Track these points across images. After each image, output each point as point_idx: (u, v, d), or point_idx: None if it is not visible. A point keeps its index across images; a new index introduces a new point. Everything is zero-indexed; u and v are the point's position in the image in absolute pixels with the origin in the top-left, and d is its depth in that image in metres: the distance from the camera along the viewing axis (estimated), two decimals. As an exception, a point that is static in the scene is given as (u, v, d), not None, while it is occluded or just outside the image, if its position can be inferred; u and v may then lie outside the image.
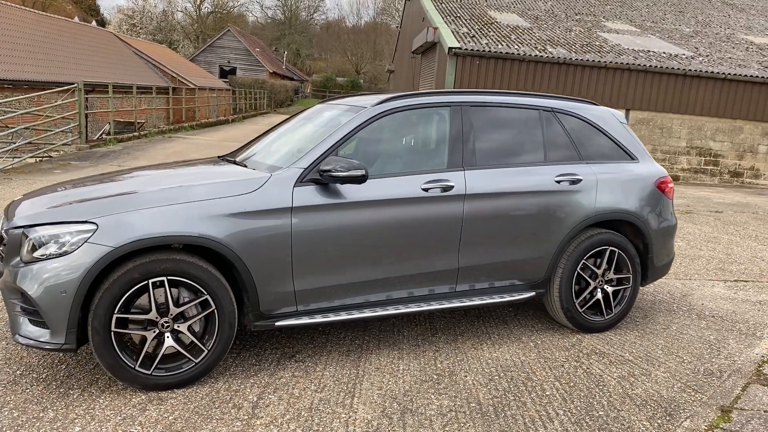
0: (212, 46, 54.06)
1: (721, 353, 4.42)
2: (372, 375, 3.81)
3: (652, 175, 4.85)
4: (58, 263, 3.29)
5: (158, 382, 3.50)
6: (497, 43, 16.86)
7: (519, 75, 16.26)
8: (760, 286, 6.27)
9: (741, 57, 18.78)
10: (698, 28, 23.23)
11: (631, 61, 16.68)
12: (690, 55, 18.20)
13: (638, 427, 3.33)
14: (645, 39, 20.14)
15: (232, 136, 21.96)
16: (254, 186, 3.68)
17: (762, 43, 21.42)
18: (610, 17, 23.63)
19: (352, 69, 74.11)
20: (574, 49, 17.37)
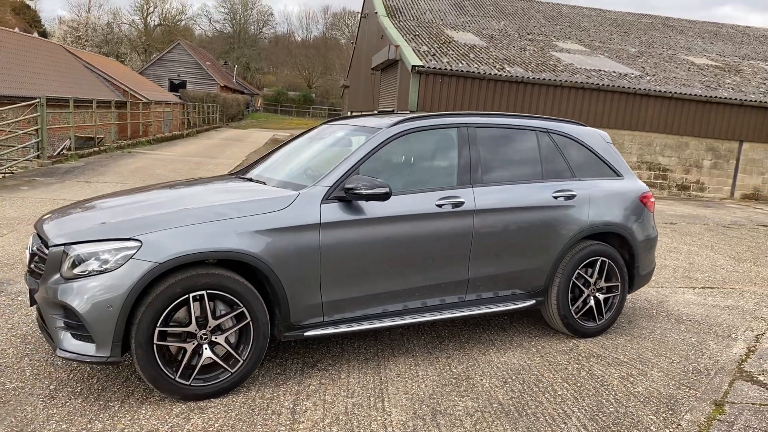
0: (162, 60, 53.41)
1: (705, 354, 4.83)
2: (395, 381, 4.04)
3: (637, 190, 5.26)
4: (104, 279, 3.42)
5: (197, 392, 3.65)
6: (458, 62, 17.39)
7: (479, 93, 16.79)
8: (725, 293, 6.78)
9: (684, 77, 19.86)
10: (642, 49, 24.41)
11: (584, 79, 17.45)
12: (638, 75, 19.15)
13: (647, 421, 3.66)
14: (595, 59, 21.06)
15: (191, 150, 21.83)
16: (285, 203, 3.88)
17: (702, 64, 22.67)
18: (560, 37, 24.60)
19: (304, 83, 74.23)
20: (530, 68, 18.05)
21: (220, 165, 17.51)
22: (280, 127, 48.72)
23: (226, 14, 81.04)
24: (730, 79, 20.42)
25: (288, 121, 57.33)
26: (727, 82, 19.99)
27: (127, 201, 4.19)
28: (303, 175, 4.48)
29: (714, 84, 19.31)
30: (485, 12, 27.10)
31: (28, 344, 4.40)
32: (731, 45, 27.54)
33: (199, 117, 37.54)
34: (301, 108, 66.19)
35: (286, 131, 43.66)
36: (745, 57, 25.62)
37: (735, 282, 7.32)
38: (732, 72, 21.81)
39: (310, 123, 57.36)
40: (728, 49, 26.56)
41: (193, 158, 19.01)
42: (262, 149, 25.26)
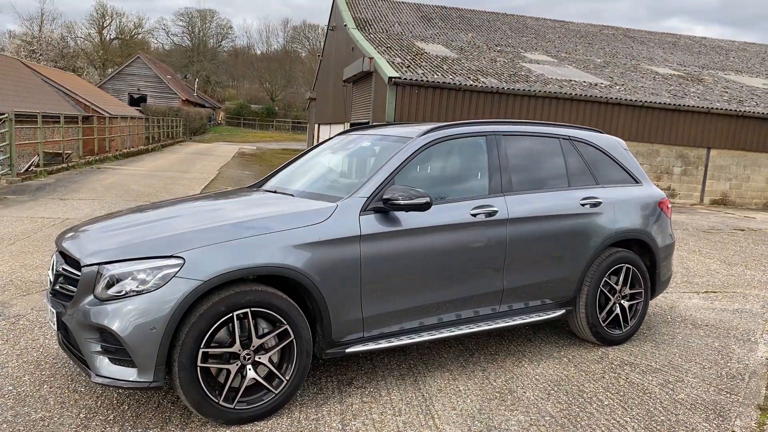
0: (121, 74, 52.37)
1: (732, 358, 4.84)
2: (438, 396, 3.93)
3: (656, 196, 5.28)
4: (145, 299, 3.23)
5: (241, 416, 3.47)
6: (433, 73, 17.44)
7: (456, 103, 16.86)
8: (729, 296, 6.86)
9: (651, 86, 20.32)
10: (607, 59, 24.93)
11: (557, 89, 17.68)
12: (608, 84, 19.51)
13: (701, 428, 3.63)
14: (564, 69, 21.40)
15: (160, 165, 21.38)
16: (325, 215, 3.75)
17: (665, 73, 23.25)
18: (527, 48, 24.96)
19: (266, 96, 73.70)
20: (503, 78, 18.23)
21: (194, 179, 17.17)
22: (245, 140, 48.21)
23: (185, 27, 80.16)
24: (694, 88, 20.98)
25: (252, 134, 56.77)
26: (692, 90, 20.53)
27: (153, 217, 3.99)
28: (334, 186, 4.36)
29: (680, 93, 19.81)
30: (452, 24, 27.34)
31: (43, 370, 4.15)
32: (690, 55, 28.35)
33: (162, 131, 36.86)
34: (264, 121, 65.63)
35: (251, 144, 43.24)
36: (704, 66, 26.39)
37: (735, 286, 7.42)
38: (694, 81, 22.42)
39: (275, 136, 57.01)
40: (688, 59, 27.33)
41: (165, 173, 18.59)
42: (231, 162, 24.95)
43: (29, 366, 4.22)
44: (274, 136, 56.47)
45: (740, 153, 18.88)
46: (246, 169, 22.49)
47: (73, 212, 10.51)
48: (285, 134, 60.94)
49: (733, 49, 31.31)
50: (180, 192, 14.24)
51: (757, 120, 18.73)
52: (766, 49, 32.56)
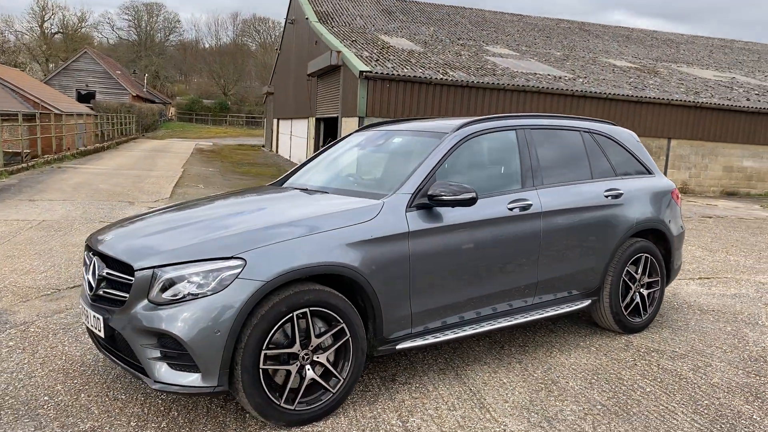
0: (67, 69, 50.62)
1: (748, 342, 5.02)
2: (485, 390, 3.96)
3: (668, 186, 5.42)
4: (208, 302, 3.15)
5: (302, 417, 3.43)
6: (402, 67, 17.45)
7: (427, 97, 16.92)
8: (723, 282, 7.11)
9: (612, 78, 20.81)
10: (566, 52, 25.41)
11: (524, 82, 17.94)
12: (572, 77, 19.89)
13: (744, 410, 3.75)
14: (527, 62, 21.71)
15: (122, 163, 20.82)
16: (373, 213, 3.72)
17: (623, 66, 23.85)
18: (488, 42, 25.22)
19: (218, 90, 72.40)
20: (471, 72, 18.38)
21: (162, 177, 16.80)
22: (199, 136, 47.33)
23: (131, 21, 78.03)
24: (652, 81, 21.58)
25: (205, 129, 55.76)
26: (650, 83, 21.12)
27: (195, 217, 3.89)
28: (372, 183, 4.33)
29: (640, 85, 20.35)
30: (414, 18, 27.41)
31: (74, 379, 4.00)
32: (643, 48, 29.15)
33: (114, 128, 35.85)
34: (217, 116, 64.47)
35: (206, 140, 42.53)
36: (657, 59, 27.18)
37: (724, 272, 7.69)
38: (651, 73, 23.07)
39: (229, 131, 56.15)
40: (641, 52, 28.09)
41: (129, 171, 18.11)
42: (192, 159, 24.49)
43: (57, 375, 4.07)
44: (229, 132, 55.60)
45: (699, 143, 19.54)
46: (210, 166, 22.11)
47: (48, 214, 10.14)
48: (239, 129, 60.04)
49: (682, 42, 32.33)
50: (152, 190, 13.91)
51: (713, 111, 19.40)
52: (712, 42, 33.73)
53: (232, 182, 17.31)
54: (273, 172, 22.38)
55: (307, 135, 24.61)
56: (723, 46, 33.22)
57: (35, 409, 3.58)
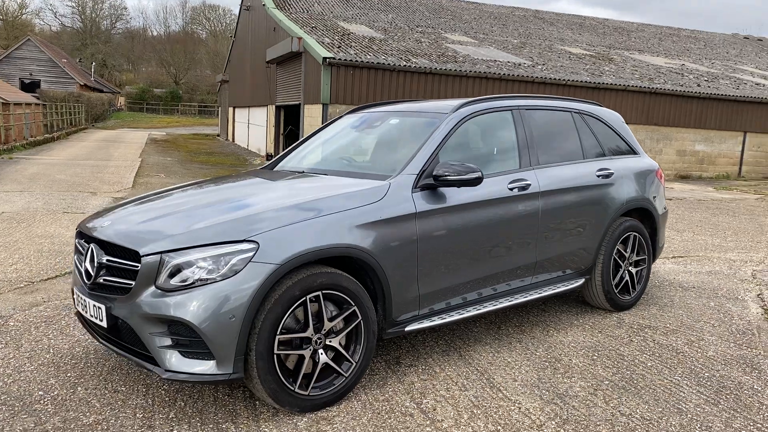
0: (9, 57, 48.57)
1: (733, 316, 5.17)
2: (493, 370, 3.96)
3: (653, 166, 5.52)
4: (220, 287, 3.05)
5: (315, 402, 3.36)
6: (365, 54, 17.33)
7: (390, 83, 16.86)
8: (696, 260, 7.30)
9: (570, 65, 21.12)
10: (523, 40, 25.67)
11: (485, 69, 18.04)
12: (531, 64, 20.10)
13: (744, 381, 3.86)
14: (486, 50, 21.85)
15: (76, 154, 20.15)
16: (381, 194, 3.66)
17: (579, 53, 24.23)
18: (446, 29, 25.26)
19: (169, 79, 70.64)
20: (433, 59, 18.38)
21: (121, 167, 16.34)
22: (152, 126, 46.18)
23: (74, 8, 75.34)
24: (608, 67, 22.00)
25: (157, 119, 54.40)
26: (606, 69, 21.52)
27: (197, 201, 3.77)
28: (374, 164, 4.27)
29: (597, 72, 20.71)
30: (371, 5, 27.23)
31: (66, 372, 3.84)
32: (596, 36, 29.67)
33: (63, 119, 34.64)
34: (168, 105, 62.91)
35: (159, 130, 41.57)
36: (610, 47, 27.70)
37: (695, 251, 7.91)
38: (606, 61, 23.50)
39: (182, 120, 54.97)
40: (595, 40, 28.59)
41: (86, 161, 17.53)
42: (148, 149, 23.90)
43: (48, 368, 3.89)
44: (182, 121, 54.38)
45: (653, 128, 20.02)
46: (167, 156, 21.60)
47: (7, 205, 9.73)
48: (192, 119, 58.79)
49: (632, 30, 33.03)
50: (113, 180, 13.51)
51: (666, 96, 19.90)
52: (660, 30, 34.58)
53: (192, 171, 16.96)
54: (233, 161, 22.03)
55: (267, 123, 24.27)
56: (671, 34, 34.09)
57: (31, 404, 3.42)
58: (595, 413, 3.38)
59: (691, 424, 3.28)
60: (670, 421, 3.31)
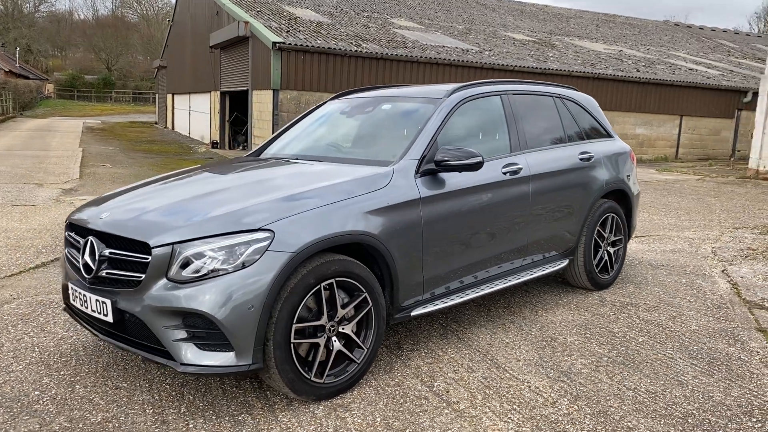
0: (-75, 42, 45.62)
1: (705, 291, 5.41)
2: (493, 351, 4.02)
3: (626, 149, 5.70)
4: (238, 277, 2.99)
5: (330, 390, 3.35)
6: (315, 38, 17.14)
7: (342, 68, 16.75)
8: (658, 239, 7.59)
9: (515, 51, 21.47)
10: (467, 26, 25.89)
11: (435, 55, 18.15)
12: (478, 50, 20.33)
13: (730, 351, 4.05)
14: (433, 35, 21.95)
15: (10, 144, 19.26)
16: (386, 180, 3.65)
17: (522, 39, 24.64)
18: (392, 14, 25.21)
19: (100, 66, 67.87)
20: (383, 44, 18.35)
21: (63, 157, 15.71)
22: (85, 114, 44.41)
23: (-7, -11, 71.23)
24: (551, 53, 22.47)
25: (90, 107, 52.30)
26: (550, 55, 21.98)
27: (196, 190, 3.67)
28: (372, 150, 4.25)
29: (542, 57, 21.13)
30: (315, -12, 26.85)
31: (59, 371, 3.69)
32: (537, 22, 30.21)
33: (-11, 106, 32.94)
34: (101, 93, 60.46)
35: (93, 118, 40.04)
36: (551, 33, 28.27)
37: (655, 230, 8.22)
38: (548, 46, 23.99)
39: (116, 108, 53.14)
40: (536, 26, 29.11)
41: (23, 152, 16.74)
42: (86, 139, 23.04)
43: (39, 367, 3.73)
44: (116, 109, 52.49)
45: (596, 112, 20.56)
46: (107, 145, 20.88)
47: (-51, 198, 9.21)
48: (127, 106, 56.80)
49: (571, 17, 33.79)
50: (59, 171, 12.97)
51: (609, 81, 20.51)
52: (597, 17, 35.50)
53: (138, 161, 16.47)
54: (176, 149, 21.49)
55: (211, 110, 23.73)
56: (607, 20, 35.04)
57: (30, 404, 3.28)
58: (602, 389, 3.49)
59: (694, 395, 3.43)
60: (674, 392, 3.45)
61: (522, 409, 3.26)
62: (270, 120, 16.55)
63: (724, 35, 37.42)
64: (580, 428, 3.06)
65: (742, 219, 9.27)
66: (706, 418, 3.18)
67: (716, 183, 14.34)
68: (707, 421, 3.14)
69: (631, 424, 3.09)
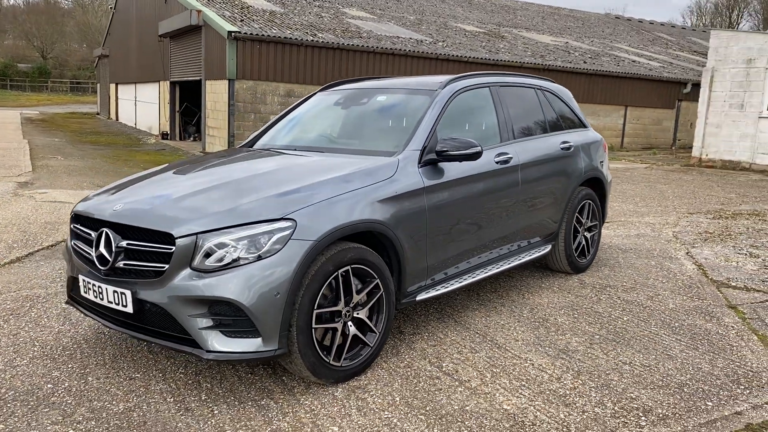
0: None
1: (675, 272, 5.74)
2: (492, 332, 4.21)
3: (600, 138, 5.97)
4: (264, 264, 3.07)
5: (347, 372, 3.46)
6: (270, 28, 17.00)
7: (298, 58, 16.67)
8: (621, 225, 7.96)
9: (468, 42, 21.79)
10: (419, 16, 26.09)
11: (390, 45, 18.26)
12: (432, 41, 20.55)
13: (708, 327, 4.35)
14: (387, 26, 22.05)
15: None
16: (392, 170, 3.77)
17: (473, 31, 25.01)
18: (344, 4, 25.15)
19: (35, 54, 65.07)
20: (338, 34, 18.35)
21: (10, 150, 15.19)
22: (20, 104, 42.67)
23: None
24: (502, 45, 22.89)
25: (25, 97, 50.18)
26: (501, 47, 22.40)
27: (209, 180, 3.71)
28: (372, 141, 4.35)
29: (493, 49, 21.52)
30: (265, -23, 26.54)
31: (66, 363, 3.67)
32: (485, 13, 30.68)
33: None
34: (36, 82, 58.03)
35: (30, 109, 38.54)
36: (500, 24, 28.76)
37: (616, 216, 8.59)
38: (498, 38, 24.43)
39: (53, 98, 51.22)
40: (485, 17, 29.56)
41: (-35, 143, 16.07)
42: (28, 130, 22.27)
43: (45, 361, 3.71)
44: (54, 99, 50.55)
45: (546, 103, 21.11)
46: (52, 137, 20.25)
47: None
48: (65, 96, 54.75)
49: (517, 8, 34.44)
50: (9, 164, 12.54)
51: (558, 73, 21.02)
52: (542, 9, 36.28)
53: (89, 152, 16.06)
54: (125, 140, 21.00)
55: (160, 100, 23.22)
56: (552, 12, 35.85)
57: (46, 397, 3.27)
58: (600, 364, 3.71)
59: (684, 367, 3.69)
60: (666, 365, 3.70)
61: (530, 384, 3.45)
62: (225, 110, 16.36)
63: (661, 28, 38.81)
64: (588, 401, 3.27)
65: (694, 204, 9.78)
66: (699, 387, 3.44)
67: (663, 171, 14.99)
68: (701, 390, 3.40)
69: (633, 395, 3.32)
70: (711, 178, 13.54)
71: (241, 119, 16.33)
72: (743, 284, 5.40)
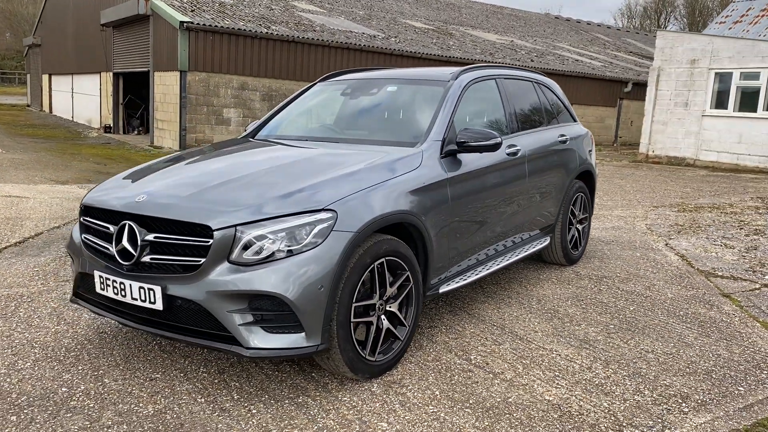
0: None
1: (663, 263, 5.89)
2: (510, 324, 4.20)
3: (588, 132, 6.06)
4: (308, 257, 2.95)
5: (381, 367, 3.39)
6: (222, 19, 16.59)
7: (252, 50, 16.33)
8: (595, 218, 8.11)
9: (419, 39, 21.86)
10: (368, 12, 26.00)
11: (344, 40, 18.12)
12: (384, 36, 20.51)
13: (711, 315, 4.47)
14: (338, 20, 21.87)
15: None
16: (417, 161, 3.70)
17: (422, 27, 25.11)
18: (292, -3, 24.82)
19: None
20: (291, 27, 18.07)
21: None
22: (-59, 95, 40.27)
23: None
24: (452, 41, 23.08)
25: (-54, 88, 47.41)
26: (451, 44, 22.57)
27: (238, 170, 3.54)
28: (389, 132, 4.27)
29: (444, 46, 21.67)
30: (210, -33, 25.87)
31: (76, 365, 3.45)
32: (432, 10, 30.86)
33: None
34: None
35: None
36: (446, 22, 28.99)
37: (587, 209, 8.77)
38: (447, 35, 24.61)
39: (-23, 89, 48.44)
40: (432, 14, 29.74)
41: None
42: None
43: (52, 363, 3.47)
44: (-23, 90, 47.98)
45: (496, 99, 21.41)
46: (-14, 128, 19.16)
47: None
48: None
49: (462, 6, 34.79)
50: (-52, 156, 11.77)
51: (507, 70, 21.35)
52: (486, 8, 36.80)
53: (29, 145, 15.33)
54: (65, 133, 20.13)
55: (102, 92, 22.31)
56: (495, 11, 36.41)
57: (65, 402, 3.06)
58: (624, 353, 3.76)
59: (705, 354, 3.78)
60: (688, 353, 3.78)
61: (565, 375, 3.45)
62: (176, 103, 15.86)
63: (598, 29, 40.00)
64: (626, 389, 3.30)
65: (656, 198, 10.11)
66: (726, 373, 3.53)
67: (615, 167, 15.45)
68: (729, 376, 3.49)
69: (667, 383, 3.37)
70: (662, 174, 14.04)
71: (193, 112, 15.87)
72: (729, 274, 5.59)
